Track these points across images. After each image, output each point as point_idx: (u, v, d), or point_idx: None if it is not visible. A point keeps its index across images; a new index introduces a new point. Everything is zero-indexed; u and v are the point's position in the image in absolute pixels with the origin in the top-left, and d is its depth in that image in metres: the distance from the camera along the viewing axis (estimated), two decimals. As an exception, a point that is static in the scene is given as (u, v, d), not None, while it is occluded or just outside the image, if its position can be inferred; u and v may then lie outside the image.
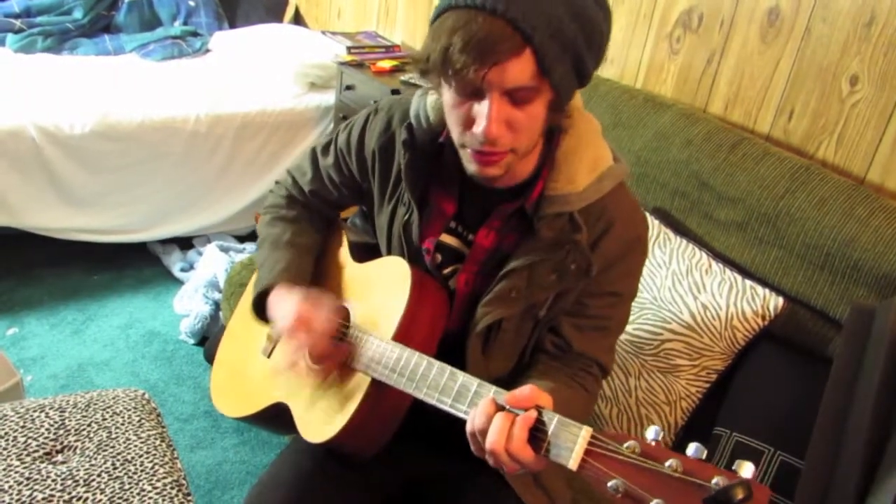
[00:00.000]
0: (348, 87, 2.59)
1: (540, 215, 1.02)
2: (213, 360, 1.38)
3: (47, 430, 1.24)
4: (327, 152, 1.26)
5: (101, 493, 1.14)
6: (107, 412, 1.30)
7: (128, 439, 1.25)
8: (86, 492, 1.14)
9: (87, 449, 1.23)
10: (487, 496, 1.11)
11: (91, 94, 2.47)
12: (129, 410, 1.31)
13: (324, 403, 1.09)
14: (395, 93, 2.35)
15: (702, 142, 1.62)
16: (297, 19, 3.45)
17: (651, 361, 1.50)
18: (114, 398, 1.34)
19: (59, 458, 1.21)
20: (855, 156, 1.55)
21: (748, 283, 1.46)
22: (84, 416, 1.28)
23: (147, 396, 1.37)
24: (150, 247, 2.73)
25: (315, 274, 1.25)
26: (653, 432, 0.76)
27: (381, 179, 1.17)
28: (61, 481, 1.15)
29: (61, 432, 1.25)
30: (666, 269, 1.54)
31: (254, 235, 2.78)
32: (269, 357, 1.25)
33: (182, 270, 2.62)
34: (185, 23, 3.14)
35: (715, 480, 0.70)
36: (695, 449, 0.73)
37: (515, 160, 0.97)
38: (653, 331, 1.51)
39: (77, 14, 2.96)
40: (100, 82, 2.59)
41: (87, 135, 2.33)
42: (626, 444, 0.76)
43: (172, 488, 1.18)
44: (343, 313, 1.17)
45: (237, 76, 2.80)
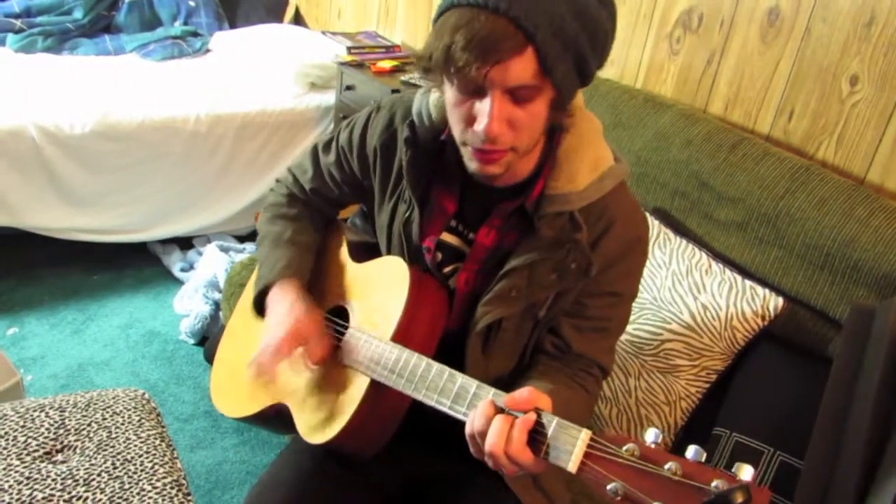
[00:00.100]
0: (348, 88, 2.59)
1: (540, 214, 1.02)
2: (212, 360, 1.38)
3: (47, 429, 1.25)
4: (329, 150, 1.26)
5: (101, 493, 1.14)
6: (107, 412, 1.30)
7: (128, 439, 1.25)
8: (86, 491, 1.14)
9: (87, 448, 1.23)
10: (487, 497, 1.11)
11: (91, 94, 2.47)
12: (129, 410, 1.31)
13: (323, 404, 1.09)
14: (396, 93, 2.35)
15: (702, 142, 1.62)
16: (298, 19, 3.44)
17: (651, 362, 1.50)
18: (114, 398, 1.34)
19: (59, 457, 1.21)
20: (855, 156, 1.55)
21: (748, 283, 1.46)
22: (84, 416, 1.28)
23: (147, 396, 1.37)
24: (150, 247, 2.73)
25: (314, 273, 1.25)
26: (652, 435, 0.76)
27: (382, 177, 1.17)
28: (61, 481, 1.15)
29: (61, 432, 1.25)
30: (666, 270, 1.54)
31: (254, 235, 2.78)
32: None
33: (182, 270, 2.62)
34: (185, 23, 3.14)
35: (714, 484, 0.71)
36: (694, 451, 0.73)
37: (516, 159, 0.97)
38: (653, 331, 1.51)
39: (77, 14, 2.96)
40: (100, 82, 2.59)
41: (88, 135, 2.33)
42: (625, 446, 0.76)
43: (172, 488, 1.18)
44: (341, 313, 1.17)
45: (237, 76, 2.80)
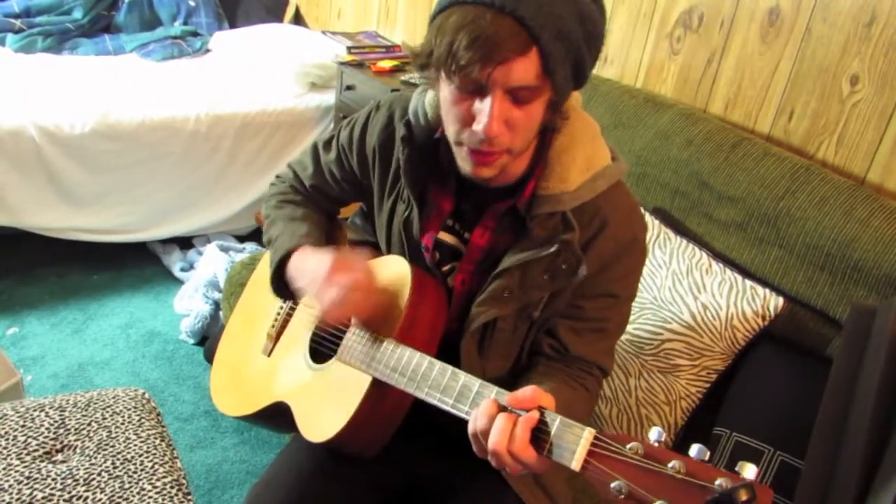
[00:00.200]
0: (348, 87, 2.59)
1: (532, 214, 1.02)
2: (213, 359, 1.38)
3: (47, 429, 1.24)
4: (329, 148, 1.26)
5: (101, 493, 1.14)
6: (107, 411, 1.30)
7: (128, 439, 1.25)
8: (86, 491, 1.14)
9: (87, 448, 1.22)
10: (488, 495, 1.11)
11: (91, 93, 2.47)
12: (129, 410, 1.31)
13: (324, 402, 1.09)
14: (396, 92, 2.35)
15: (702, 142, 1.62)
16: (298, 19, 3.44)
17: (651, 361, 1.50)
18: (114, 398, 1.33)
19: (59, 457, 1.21)
20: (855, 156, 1.55)
21: (748, 283, 1.46)
22: (84, 416, 1.28)
23: (147, 396, 1.37)
24: (150, 246, 2.73)
25: None
26: (655, 433, 0.76)
27: (381, 176, 1.17)
28: (61, 480, 1.15)
29: (61, 431, 1.25)
30: (666, 269, 1.54)
31: (254, 235, 2.78)
32: (269, 356, 1.25)
33: (182, 270, 2.62)
34: (185, 23, 3.14)
35: (718, 482, 0.70)
36: (697, 450, 0.73)
37: (510, 160, 0.97)
38: (653, 331, 1.51)
39: (77, 14, 2.95)
40: (100, 82, 2.59)
41: (88, 134, 2.33)
42: (628, 445, 0.76)
43: (172, 488, 1.18)
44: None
45: (237, 76, 2.80)
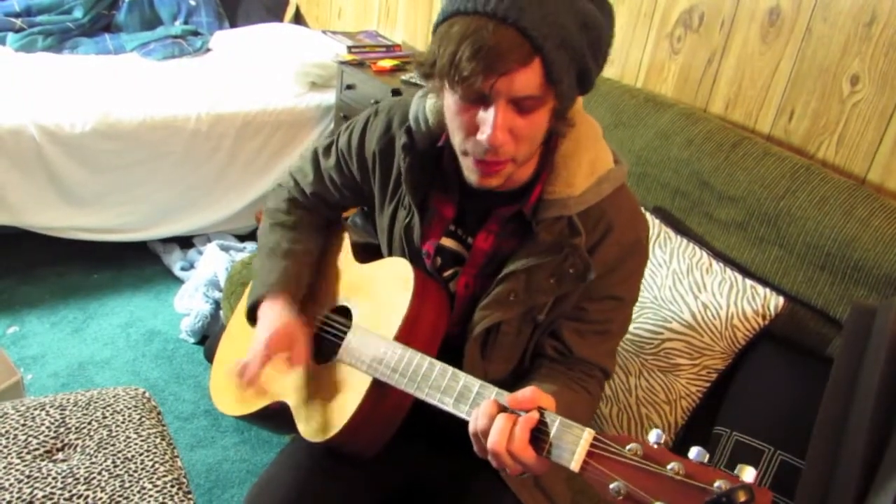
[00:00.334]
0: (349, 87, 2.59)
1: (538, 219, 1.02)
2: (213, 358, 1.38)
3: (48, 428, 1.24)
4: (329, 154, 1.26)
5: (102, 492, 1.14)
6: (107, 410, 1.30)
7: (128, 438, 1.25)
8: (86, 490, 1.14)
9: (88, 447, 1.23)
10: (487, 496, 1.11)
11: (92, 93, 2.47)
12: (129, 409, 1.31)
13: (324, 403, 1.09)
14: (396, 92, 2.35)
15: (702, 141, 1.62)
16: (298, 19, 3.44)
17: (651, 360, 1.50)
18: (114, 397, 1.34)
19: (60, 456, 1.21)
20: (855, 156, 1.55)
21: (748, 282, 1.46)
22: (84, 415, 1.28)
23: (147, 395, 1.37)
24: (150, 246, 2.73)
25: (317, 274, 1.25)
26: (655, 435, 0.76)
27: (381, 182, 1.17)
28: (62, 479, 1.15)
29: (62, 430, 1.25)
30: (666, 269, 1.54)
31: (254, 235, 2.78)
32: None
33: (182, 269, 2.62)
34: (185, 22, 3.14)
35: (717, 484, 0.71)
36: (697, 452, 0.73)
37: (515, 169, 0.97)
38: (653, 330, 1.51)
39: (77, 13, 2.95)
40: (100, 81, 2.59)
41: (88, 134, 2.33)
42: (628, 446, 0.76)
43: (172, 487, 1.18)
44: (344, 313, 1.17)
45: (238, 75, 2.80)
